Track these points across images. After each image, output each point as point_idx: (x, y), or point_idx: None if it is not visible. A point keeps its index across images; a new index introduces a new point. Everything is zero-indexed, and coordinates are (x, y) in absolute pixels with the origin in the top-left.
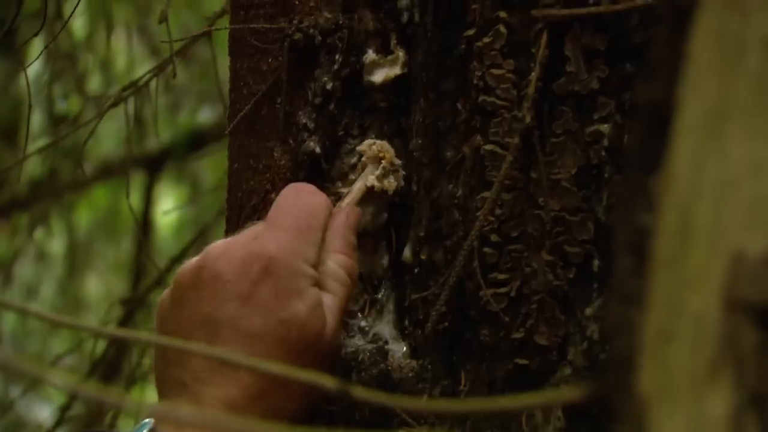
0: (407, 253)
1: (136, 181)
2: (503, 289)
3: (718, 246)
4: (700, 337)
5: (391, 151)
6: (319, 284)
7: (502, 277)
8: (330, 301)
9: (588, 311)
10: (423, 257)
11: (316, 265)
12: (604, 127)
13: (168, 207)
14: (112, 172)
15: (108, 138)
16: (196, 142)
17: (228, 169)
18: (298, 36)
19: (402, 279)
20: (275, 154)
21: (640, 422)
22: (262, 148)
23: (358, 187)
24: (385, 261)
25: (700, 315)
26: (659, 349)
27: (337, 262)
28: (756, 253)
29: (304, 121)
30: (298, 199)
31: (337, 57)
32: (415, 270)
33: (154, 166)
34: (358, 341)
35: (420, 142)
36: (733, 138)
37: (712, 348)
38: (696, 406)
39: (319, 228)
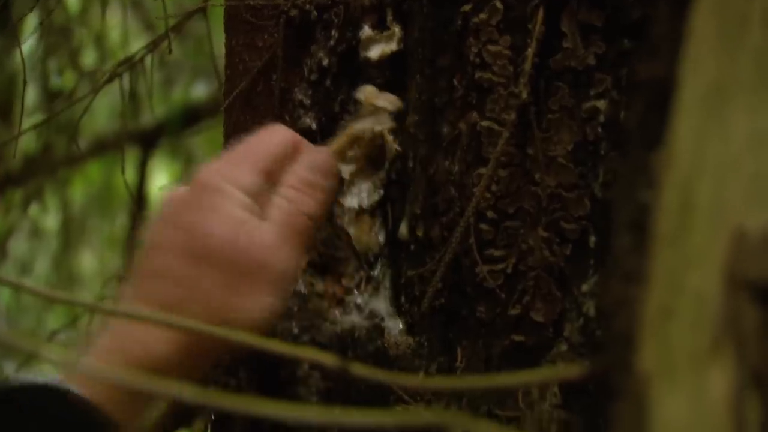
0: (403, 229)
1: (131, 156)
2: (499, 266)
3: (720, 223)
4: (702, 315)
5: (372, 94)
6: (257, 212)
7: (498, 253)
8: (264, 227)
9: (584, 288)
10: (419, 234)
11: (256, 191)
12: (601, 103)
13: (163, 182)
14: (106, 147)
15: (102, 113)
16: (190, 117)
17: (223, 145)
18: (293, 12)
19: (398, 255)
20: None
21: (640, 400)
22: (258, 125)
23: (345, 133)
24: (381, 237)
25: (702, 293)
26: (660, 327)
27: (283, 195)
28: (757, 231)
29: (299, 97)
30: (255, 135)
31: (333, 33)
32: (411, 246)
33: (148, 141)
34: (354, 318)
35: (416, 118)
36: (735, 115)
37: (713, 326)
38: (697, 384)
39: (264, 157)
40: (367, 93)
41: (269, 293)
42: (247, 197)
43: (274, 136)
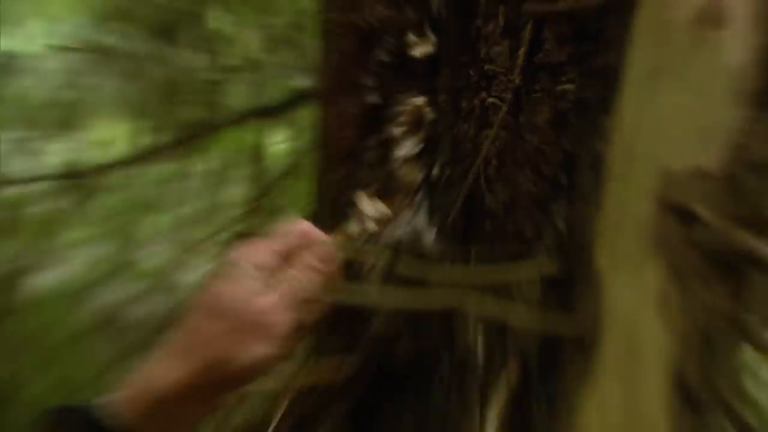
0: (436, 170)
1: (257, 127)
2: (500, 197)
3: (654, 166)
4: (641, 230)
5: (362, 202)
6: (268, 284)
7: (499, 188)
8: (269, 296)
9: (558, 212)
10: (446, 174)
11: (271, 268)
12: (570, 87)
13: (278, 145)
14: (239, 120)
15: (239, 94)
16: (300, 98)
17: (318, 117)
18: (363, 24)
19: (432, 188)
20: (347, 106)
21: (597, 287)
22: (340, 101)
23: (340, 232)
24: (421, 175)
25: (641, 214)
26: (611, 237)
27: (291, 274)
28: (681, 171)
29: (366, 82)
30: (281, 226)
31: (389, 38)
32: (441, 182)
33: (269, 115)
34: (402, 231)
35: (445, 96)
36: (664, 92)
37: (649, 237)
38: (637, 277)
39: (282, 243)
40: (359, 200)
41: (265, 346)
42: (261, 272)
43: (294, 228)
